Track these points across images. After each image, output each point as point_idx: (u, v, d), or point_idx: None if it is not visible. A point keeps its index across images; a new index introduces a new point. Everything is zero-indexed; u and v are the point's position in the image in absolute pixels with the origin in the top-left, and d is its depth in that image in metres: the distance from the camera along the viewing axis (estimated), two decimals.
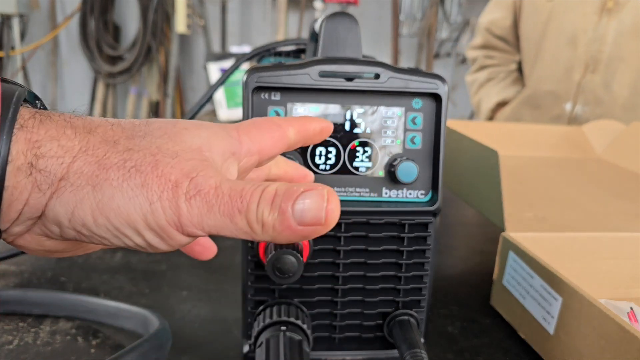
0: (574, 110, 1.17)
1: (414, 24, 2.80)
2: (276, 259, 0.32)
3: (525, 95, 1.24)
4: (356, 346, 0.40)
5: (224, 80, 0.55)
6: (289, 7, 2.71)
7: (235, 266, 0.58)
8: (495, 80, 1.33)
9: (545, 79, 1.20)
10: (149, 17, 2.60)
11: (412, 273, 0.38)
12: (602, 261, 0.51)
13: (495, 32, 1.32)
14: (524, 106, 1.24)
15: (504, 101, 1.30)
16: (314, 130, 0.30)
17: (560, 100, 1.18)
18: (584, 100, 1.15)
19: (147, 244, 0.23)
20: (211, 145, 0.25)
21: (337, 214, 0.23)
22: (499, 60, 1.34)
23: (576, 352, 0.39)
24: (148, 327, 0.42)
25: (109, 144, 0.23)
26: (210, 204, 0.22)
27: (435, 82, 0.35)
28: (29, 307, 0.46)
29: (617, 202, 0.65)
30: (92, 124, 0.24)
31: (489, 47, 1.35)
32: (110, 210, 0.22)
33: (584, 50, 1.13)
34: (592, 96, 1.14)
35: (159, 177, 0.22)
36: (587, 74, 1.14)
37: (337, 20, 0.36)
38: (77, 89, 2.92)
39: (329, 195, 0.23)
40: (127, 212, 0.22)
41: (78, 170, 0.22)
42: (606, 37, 1.10)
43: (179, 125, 0.25)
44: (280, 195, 0.22)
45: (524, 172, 0.77)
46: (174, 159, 0.23)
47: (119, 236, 0.23)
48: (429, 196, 0.37)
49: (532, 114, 1.23)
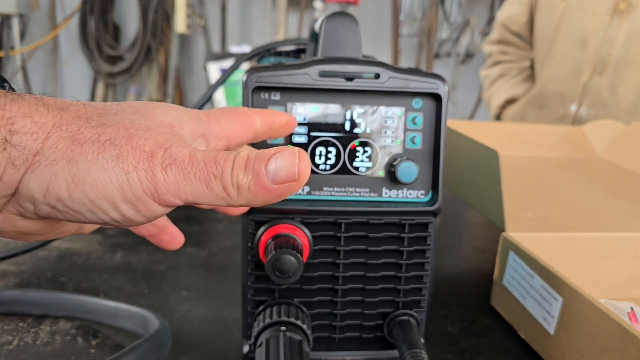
0: (578, 111, 1.16)
1: (414, 24, 2.80)
2: (276, 259, 0.32)
3: (532, 94, 1.24)
4: (356, 346, 0.40)
5: (223, 80, 0.55)
6: (289, 7, 2.71)
7: (235, 266, 0.58)
8: (507, 76, 1.33)
9: (552, 78, 1.20)
10: (148, 17, 2.60)
11: (412, 273, 0.38)
12: (603, 261, 0.50)
13: (511, 27, 1.32)
14: (531, 105, 1.24)
15: (512, 98, 1.30)
16: (279, 123, 0.32)
17: (566, 101, 1.18)
18: (589, 102, 1.15)
19: (122, 217, 0.23)
20: (182, 123, 0.26)
21: (309, 170, 0.24)
22: (513, 57, 1.34)
23: (576, 352, 0.39)
24: (148, 327, 0.42)
25: (82, 119, 0.23)
26: (186, 171, 0.23)
27: (436, 82, 0.35)
28: (29, 307, 0.46)
29: (617, 202, 0.65)
30: (64, 103, 0.24)
31: (504, 42, 1.34)
32: (85, 183, 0.22)
33: (593, 52, 1.12)
34: (597, 99, 1.14)
35: (133, 149, 0.22)
36: (594, 76, 1.13)
37: (337, 20, 0.36)
38: (77, 88, 2.92)
39: (300, 153, 0.24)
40: (103, 184, 0.22)
41: (52, 145, 0.22)
42: (616, 40, 1.10)
43: (151, 104, 0.26)
44: (253, 158, 0.23)
45: (524, 172, 0.77)
46: (146, 132, 0.23)
47: (94, 210, 0.23)
48: (429, 196, 0.37)
49: (538, 114, 1.23)
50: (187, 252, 0.61)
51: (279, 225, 0.36)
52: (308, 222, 0.36)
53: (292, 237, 0.35)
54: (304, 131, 0.35)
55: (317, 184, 0.36)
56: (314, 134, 0.36)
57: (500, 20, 1.35)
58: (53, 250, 0.59)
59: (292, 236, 0.35)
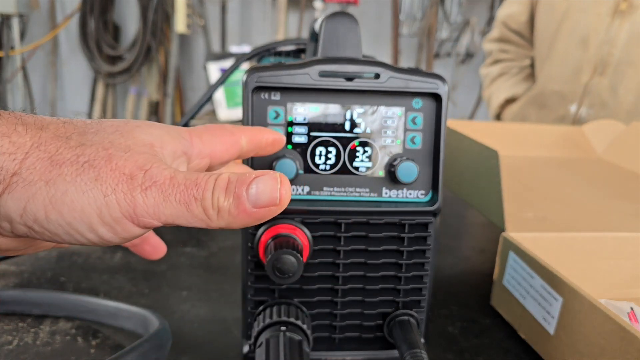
0: (578, 112, 1.16)
1: (414, 24, 2.80)
2: (276, 259, 0.32)
3: (533, 93, 1.24)
4: (356, 346, 0.40)
5: (223, 80, 0.55)
6: (289, 7, 2.71)
7: (235, 266, 0.58)
8: (507, 75, 1.32)
9: (553, 78, 1.20)
10: (148, 17, 2.60)
11: (412, 273, 0.38)
12: (603, 261, 0.50)
13: (511, 26, 1.32)
14: (531, 105, 1.24)
15: (512, 97, 1.29)
16: (267, 141, 0.32)
17: (566, 101, 1.18)
18: (590, 102, 1.15)
19: (99, 239, 0.23)
20: (163, 143, 0.26)
21: (290, 195, 0.24)
22: (513, 55, 1.34)
23: (576, 353, 0.39)
24: (148, 327, 0.42)
25: (61, 139, 0.23)
26: (166, 194, 0.23)
27: (436, 82, 0.35)
28: (29, 307, 0.46)
29: (617, 202, 0.65)
30: (43, 121, 0.24)
31: (504, 40, 1.34)
32: (63, 205, 0.22)
33: (594, 52, 1.12)
34: (597, 99, 1.14)
35: (112, 171, 0.22)
36: (595, 76, 1.13)
37: (337, 20, 0.36)
38: (76, 89, 2.92)
39: (281, 178, 0.24)
40: (81, 206, 0.22)
41: (31, 166, 0.22)
42: (617, 40, 1.10)
43: (131, 123, 0.26)
44: (234, 182, 0.23)
45: (524, 172, 0.77)
46: (126, 152, 0.23)
47: (71, 232, 0.23)
48: (429, 196, 0.37)
49: (538, 114, 1.23)
50: (187, 252, 0.61)
51: (279, 225, 0.36)
52: (308, 222, 0.36)
53: (292, 237, 0.35)
54: (304, 131, 0.35)
55: (317, 184, 0.36)
56: (314, 134, 0.36)
57: (500, 19, 1.35)
58: (53, 250, 0.59)
59: (292, 236, 0.35)
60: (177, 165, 0.27)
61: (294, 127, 0.35)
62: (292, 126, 0.35)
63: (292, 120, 0.35)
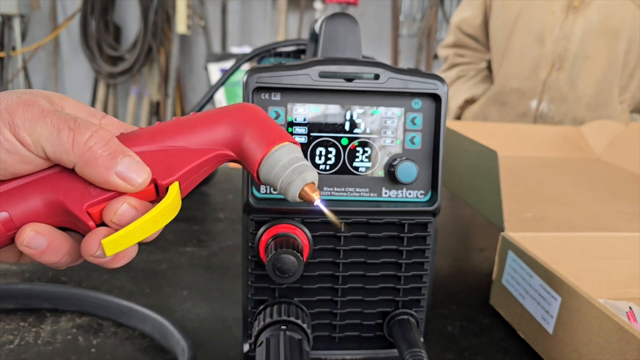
0: (539, 107, 1.18)
1: (414, 24, 2.80)
2: (276, 259, 0.32)
3: (492, 92, 1.26)
4: (356, 345, 0.40)
5: (224, 80, 0.55)
6: (289, 7, 2.71)
7: (236, 266, 0.58)
8: (465, 78, 1.34)
9: (512, 76, 1.22)
10: (149, 18, 2.60)
11: (412, 273, 0.39)
12: (602, 261, 0.51)
13: (466, 30, 1.33)
14: (492, 103, 1.26)
15: (472, 98, 1.31)
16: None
17: (526, 97, 1.20)
18: (550, 97, 1.17)
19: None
20: (65, 104, 0.29)
21: (144, 186, 0.27)
22: (469, 59, 1.35)
23: (575, 352, 0.39)
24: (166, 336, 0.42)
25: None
26: (44, 114, 0.25)
27: (435, 82, 0.35)
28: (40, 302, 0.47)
29: (616, 202, 0.65)
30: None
31: (459, 45, 1.36)
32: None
33: (550, 48, 1.15)
34: (557, 94, 1.16)
35: (9, 96, 0.25)
36: (553, 72, 1.15)
37: (337, 20, 0.36)
38: (77, 89, 2.92)
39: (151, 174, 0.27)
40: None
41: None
42: (572, 35, 1.12)
43: (43, 93, 0.29)
44: (116, 144, 0.26)
45: (524, 172, 0.78)
46: (25, 94, 0.26)
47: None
48: (428, 196, 0.37)
49: (499, 111, 1.25)
50: (187, 252, 0.61)
51: (279, 225, 0.36)
52: (308, 221, 0.37)
53: (292, 237, 0.35)
54: (304, 131, 0.36)
55: (317, 184, 0.36)
56: (314, 134, 0.36)
57: (454, 24, 1.36)
58: None
59: (292, 236, 0.35)
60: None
61: (294, 128, 0.36)
62: (292, 126, 0.36)
63: (293, 121, 0.35)
